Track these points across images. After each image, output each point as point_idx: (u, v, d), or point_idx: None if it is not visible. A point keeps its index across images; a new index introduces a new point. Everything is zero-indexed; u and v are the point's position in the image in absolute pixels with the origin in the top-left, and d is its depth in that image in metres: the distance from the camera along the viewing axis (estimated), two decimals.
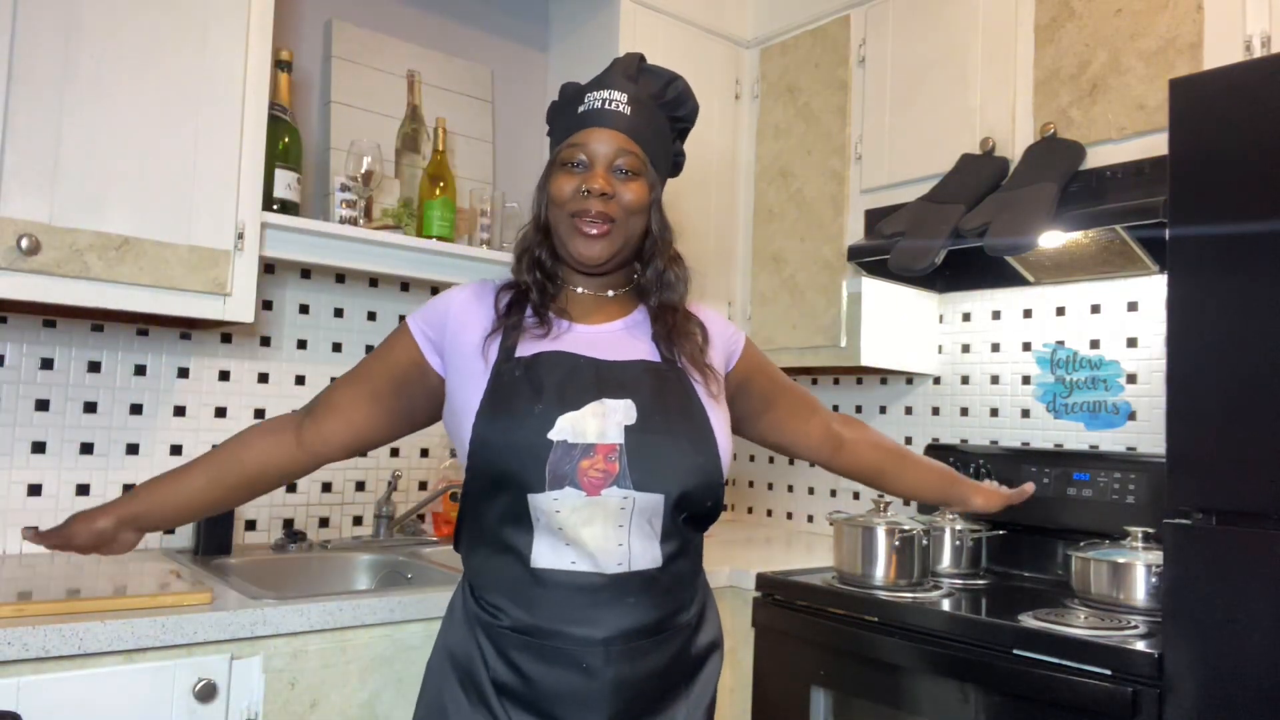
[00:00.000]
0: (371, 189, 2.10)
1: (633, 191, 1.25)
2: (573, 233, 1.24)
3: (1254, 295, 1.33)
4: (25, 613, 1.30)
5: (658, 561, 1.19)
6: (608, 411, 1.17)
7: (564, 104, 1.31)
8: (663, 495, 1.17)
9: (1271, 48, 1.64)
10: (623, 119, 1.25)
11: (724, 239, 2.59)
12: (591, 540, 1.15)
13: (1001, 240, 1.82)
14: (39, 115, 1.57)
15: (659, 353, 1.28)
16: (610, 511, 1.15)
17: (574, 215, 1.23)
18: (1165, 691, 1.37)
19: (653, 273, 1.32)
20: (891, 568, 1.88)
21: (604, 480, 1.15)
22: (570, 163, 1.24)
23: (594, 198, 1.22)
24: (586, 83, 1.31)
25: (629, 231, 1.26)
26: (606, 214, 1.23)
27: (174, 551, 1.95)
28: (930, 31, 2.20)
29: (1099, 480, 2.02)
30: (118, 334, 1.96)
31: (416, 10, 2.43)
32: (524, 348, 1.22)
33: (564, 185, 1.24)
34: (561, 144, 1.27)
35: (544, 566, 1.15)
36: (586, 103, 1.26)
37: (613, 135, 1.24)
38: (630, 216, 1.25)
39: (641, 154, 1.26)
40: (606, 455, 1.15)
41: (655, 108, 1.30)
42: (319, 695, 1.50)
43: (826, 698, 1.85)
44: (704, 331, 1.34)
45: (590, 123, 1.25)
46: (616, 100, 1.26)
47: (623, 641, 1.16)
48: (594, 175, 1.22)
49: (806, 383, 2.81)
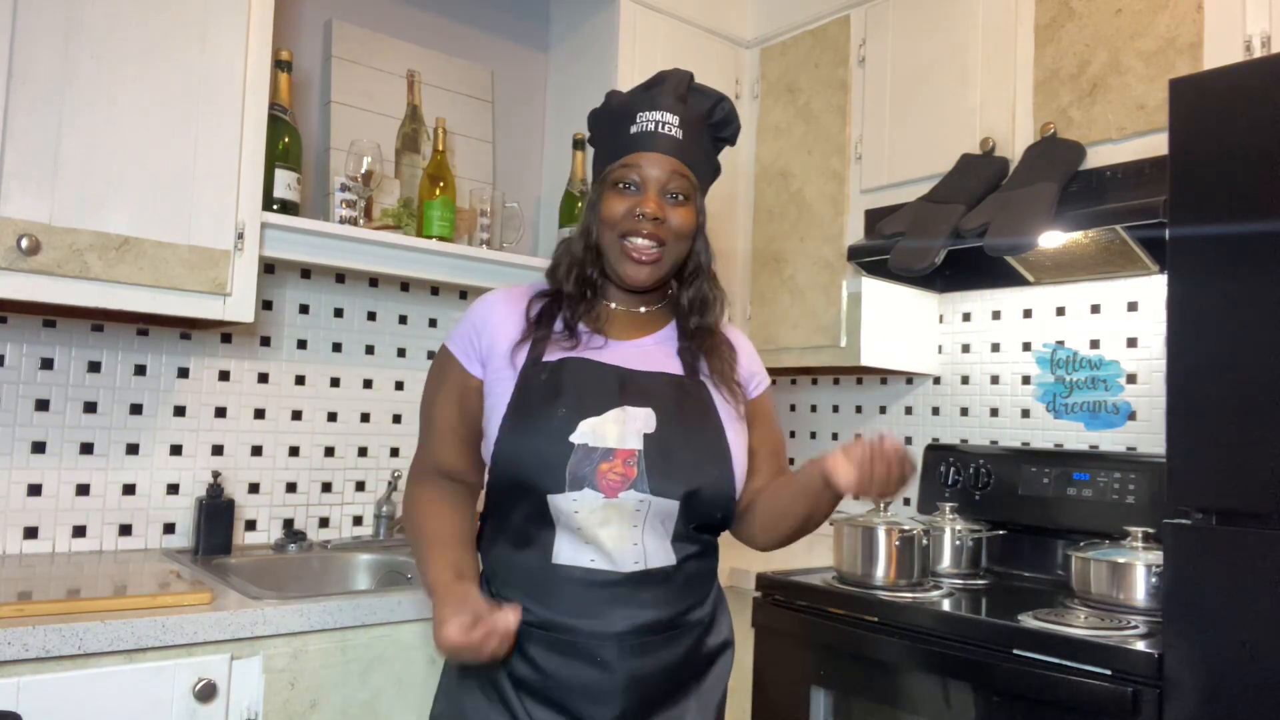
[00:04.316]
0: (371, 189, 2.10)
1: (682, 216, 1.28)
2: (622, 256, 1.27)
3: (1254, 295, 1.33)
4: (25, 613, 1.30)
5: (672, 560, 1.23)
6: (628, 419, 1.21)
7: (612, 117, 1.32)
8: (677, 502, 1.21)
9: (1271, 48, 1.64)
10: (675, 143, 1.27)
11: (724, 239, 2.58)
12: (609, 540, 1.18)
13: (1001, 240, 1.82)
14: (39, 115, 1.57)
15: (684, 366, 1.31)
16: (626, 513, 1.19)
17: (623, 236, 1.26)
18: (1165, 691, 1.37)
19: (694, 293, 1.35)
20: (891, 568, 1.88)
21: (622, 484, 1.18)
22: (622, 183, 1.27)
23: (646, 221, 1.25)
24: (633, 94, 1.32)
25: (676, 255, 1.30)
26: (658, 236, 1.26)
27: (174, 552, 1.95)
28: (930, 31, 2.20)
29: (1099, 480, 2.02)
30: (118, 334, 1.96)
31: (416, 10, 2.43)
32: (551, 354, 1.26)
33: (615, 206, 1.26)
34: (613, 164, 1.28)
35: (564, 563, 1.19)
36: (639, 123, 1.27)
37: (666, 159, 1.26)
38: (678, 240, 1.29)
39: (693, 178, 1.29)
40: (625, 460, 1.19)
41: (704, 128, 1.33)
42: (319, 695, 1.50)
43: (826, 698, 1.85)
44: (733, 353, 1.38)
45: (643, 145, 1.27)
46: (669, 123, 1.28)
47: (636, 636, 1.19)
48: (647, 199, 1.25)
49: (806, 383, 2.81)
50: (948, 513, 2.11)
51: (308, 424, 2.20)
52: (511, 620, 1.11)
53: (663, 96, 1.29)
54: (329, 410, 2.23)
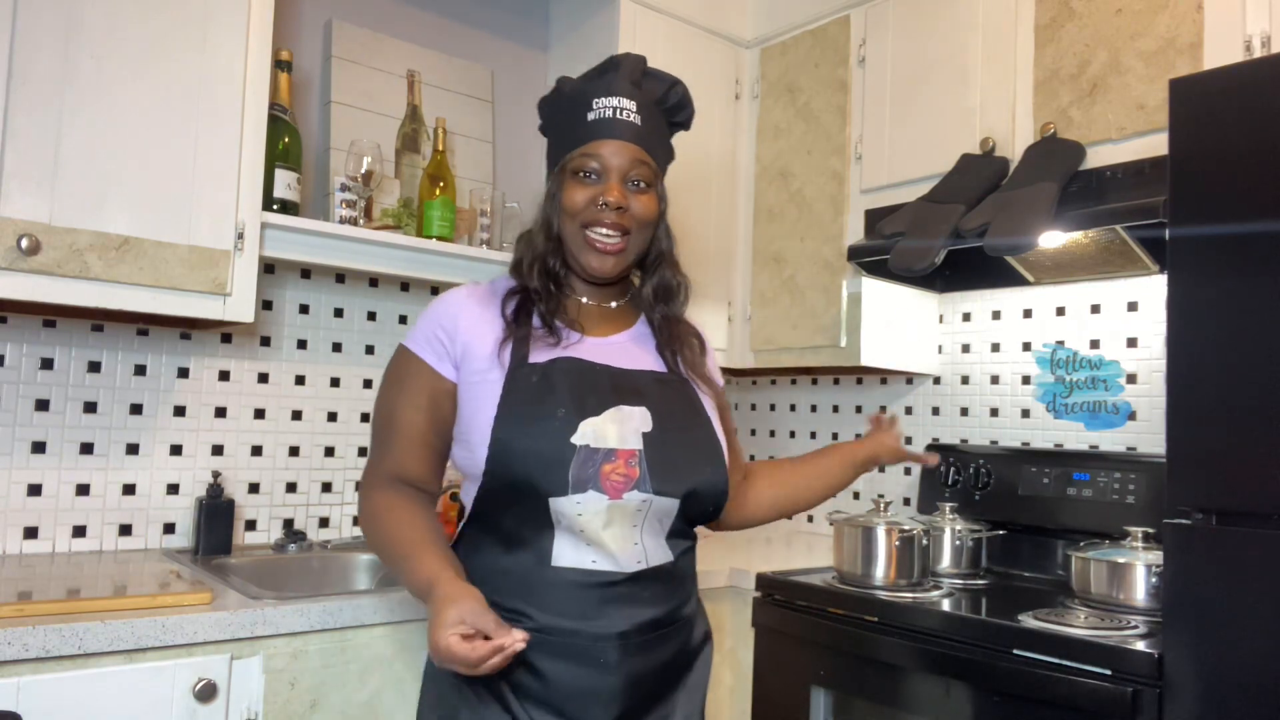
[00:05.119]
0: (371, 189, 2.10)
1: (645, 204, 1.26)
2: (585, 247, 1.25)
3: (1254, 295, 1.33)
4: (25, 613, 1.30)
5: (669, 557, 1.24)
6: (624, 418, 1.21)
7: (566, 104, 1.30)
8: (679, 500, 1.21)
9: (1271, 48, 1.64)
10: (635, 129, 1.25)
11: (724, 239, 2.59)
12: (612, 541, 1.18)
13: (1001, 240, 1.82)
14: (39, 115, 1.57)
15: (664, 364, 1.31)
16: (628, 513, 1.19)
17: (586, 226, 1.24)
18: (1165, 691, 1.37)
19: (658, 281, 1.34)
20: (891, 568, 1.88)
21: (625, 484, 1.18)
22: (583, 172, 1.25)
23: (610, 210, 1.23)
24: (585, 80, 1.30)
25: (640, 244, 1.29)
26: (621, 225, 1.24)
27: (174, 552, 1.95)
28: (930, 32, 2.20)
29: (1099, 480, 2.02)
30: (118, 334, 1.96)
31: (416, 10, 2.43)
32: (536, 354, 1.23)
33: (577, 196, 1.24)
34: (573, 152, 1.26)
35: (565, 565, 1.17)
36: (596, 110, 1.25)
37: (626, 147, 1.24)
38: (642, 229, 1.27)
39: (653, 165, 1.28)
40: (627, 460, 1.18)
41: (659, 113, 1.31)
42: (319, 695, 1.50)
43: (826, 698, 1.85)
44: (701, 342, 1.38)
45: (603, 133, 1.24)
46: (627, 109, 1.25)
47: (638, 635, 1.19)
48: (609, 187, 1.23)
49: (806, 383, 2.81)
50: (948, 513, 2.11)
51: (308, 424, 2.20)
52: (520, 647, 1.04)
53: (619, 82, 1.27)
54: (329, 410, 2.23)
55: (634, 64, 1.31)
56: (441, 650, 1.04)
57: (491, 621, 1.05)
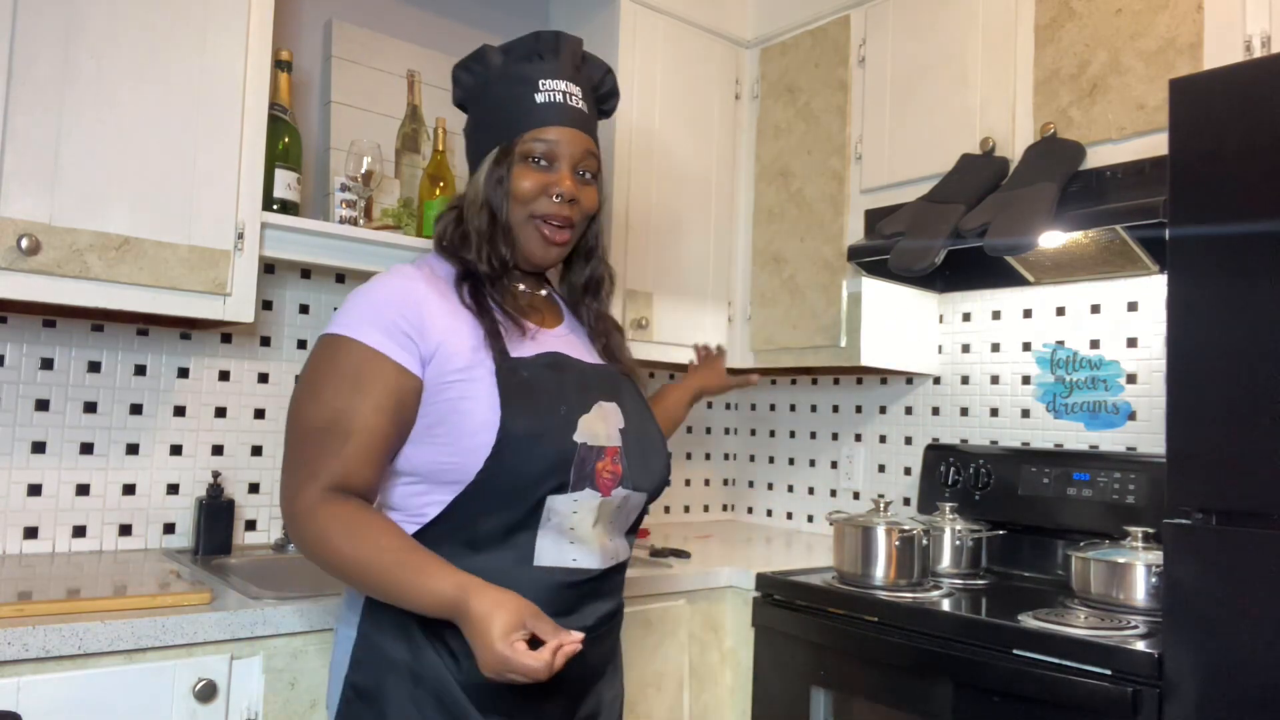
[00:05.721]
0: (371, 189, 2.10)
1: (590, 197, 1.25)
2: (535, 236, 1.21)
3: (1254, 295, 1.33)
4: (25, 613, 1.30)
5: (629, 551, 1.27)
6: (607, 414, 1.20)
7: (503, 80, 1.23)
8: (647, 494, 1.24)
9: (1271, 48, 1.64)
10: (583, 117, 1.23)
11: (724, 239, 2.58)
12: (596, 538, 1.18)
13: (1001, 240, 1.82)
14: (39, 115, 1.57)
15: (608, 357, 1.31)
16: (611, 510, 1.19)
17: (535, 217, 1.21)
18: (1165, 691, 1.37)
19: (591, 273, 1.32)
20: (891, 568, 1.88)
21: (613, 481, 1.18)
22: (533, 157, 1.20)
23: (564, 202, 1.20)
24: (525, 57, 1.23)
25: (579, 235, 1.27)
26: (569, 217, 1.22)
27: (174, 551, 1.95)
28: (930, 32, 2.20)
29: (1099, 480, 2.02)
30: (118, 334, 1.96)
31: (416, 10, 2.43)
32: (515, 349, 1.18)
33: (526, 182, 1.19)
34: (522, 135, 1.19)
35: (546, 564, 1.16)
36: (544, 92, 1.20)
37: (579, 135, 1.22)
38: (584, 221, 1.26)
39: (599, 156, 1.26)
40: (613, 457, 1.18)
41: (594, 99, 1.29)
42: (319, 695, 1.50)
43: (826, 698, 1.85)
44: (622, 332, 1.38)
45: (554, 118, 1.20)
46: (574, 94, 1.22)
47: (601, 626, 1.21)
48: (561, 177, 1.20)
49: (806, 383, 2.81)
50: (948, 513, 2.11)
51: None
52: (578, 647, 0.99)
53: (562, 64, 1.23)
54: None
55: (576, 46, 1.27)
56: (499, 663, 0.96)
57: (549, 624, 1.00)
